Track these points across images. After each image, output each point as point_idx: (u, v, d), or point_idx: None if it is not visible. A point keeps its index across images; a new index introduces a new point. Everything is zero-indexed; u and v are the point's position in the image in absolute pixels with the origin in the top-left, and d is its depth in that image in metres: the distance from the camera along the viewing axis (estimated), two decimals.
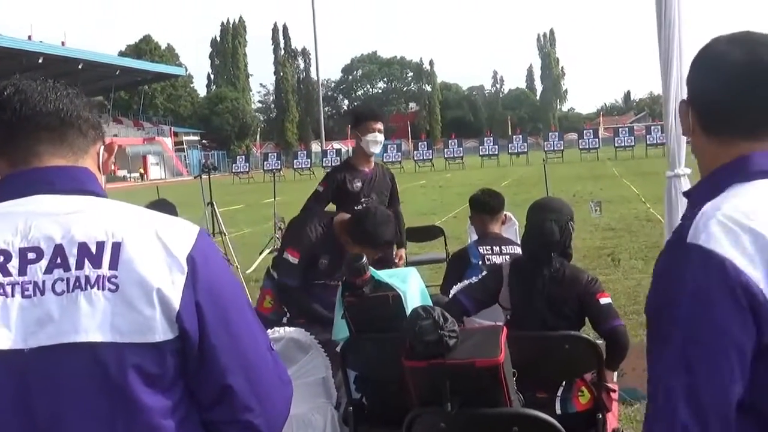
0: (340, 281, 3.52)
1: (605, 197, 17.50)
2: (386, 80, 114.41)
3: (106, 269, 1.32)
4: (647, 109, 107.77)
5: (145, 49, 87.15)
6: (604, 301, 3.37)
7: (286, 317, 4.30)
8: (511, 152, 51.02)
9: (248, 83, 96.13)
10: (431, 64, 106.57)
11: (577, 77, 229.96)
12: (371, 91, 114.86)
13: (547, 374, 3.28)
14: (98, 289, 1.30)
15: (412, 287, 3.34)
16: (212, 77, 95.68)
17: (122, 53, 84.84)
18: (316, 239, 4.27)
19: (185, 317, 1.33)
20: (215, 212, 10.31)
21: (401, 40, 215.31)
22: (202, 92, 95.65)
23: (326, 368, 3.49)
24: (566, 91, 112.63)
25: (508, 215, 5.79)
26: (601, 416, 3.24)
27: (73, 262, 1.32)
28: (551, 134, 53.98)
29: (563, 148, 49.87)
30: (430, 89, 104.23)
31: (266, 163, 51.61)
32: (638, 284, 8.30)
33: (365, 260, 3.24)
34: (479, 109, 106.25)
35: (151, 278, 1.32)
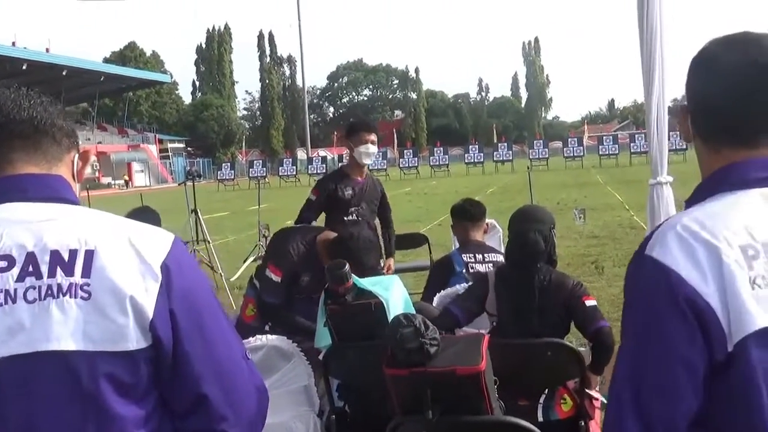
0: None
1: (589, 205, 17.61)
2: (372, 88, 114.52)
3: (78, 277, 1.30)
4: (631, 117, 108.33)
5: (130, 55, 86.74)
6: (589, 303, 3.38)
7: (268, 325, 4.29)
8: (496, 160, 51.20)
9: (234, 90, 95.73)
10: (417, 71, 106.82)
11: (561, 85, 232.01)
12: (357, 98, 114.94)
13: (529, 382, 3.27)
14: (70, 297, 1.29)
15: (394, 295, 3.33)
16: (197, 84, 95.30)
17: (107, 60, 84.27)
18: (297, 258, 4.29)
19: (159, 325, 1.32)
20: (199, 219, 10.27)
21: (387, 47, 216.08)
22: (187, 99, 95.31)
23: (309, 376, 3.48)
24: (551, 99, 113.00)
25: (491, 223, 5.81)
26: (583, 424, 3.25)
27: (45, 270, 1.31)
28: (536, 142, 54.29)
29: (548, 155, 50.20)
30: (415, 97, 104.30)
31: (251, 170, 51.62)
32: (621, 292, 8.26)
33: (347, 268, 3.23)
34: (464, 116, 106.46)
35: (124, 286, 1.31)
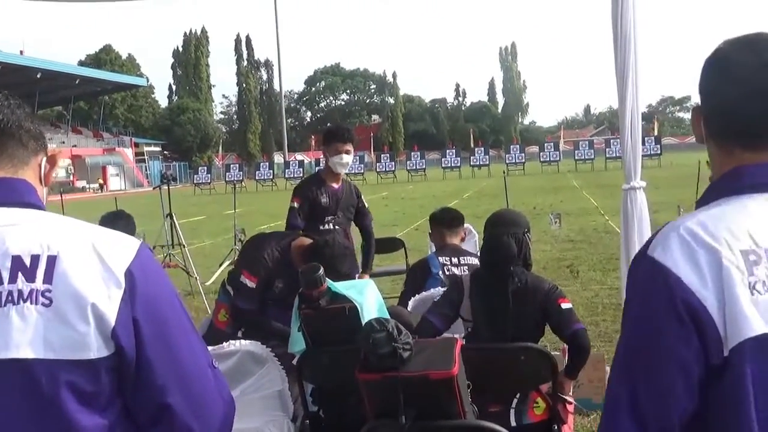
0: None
1: (565, 209, 17.75)
2: (349, 92, 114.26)
3: (39, 283, 1.28)
4: (607, 122, 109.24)
5: (105, 59, 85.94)
6: (565, 306, 3.40)
7: (241, 330, 4.26)
8: (473, 164, 51.48)
9: (210, 94, 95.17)
10: (394, 76, 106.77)
11: (538, 91, 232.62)
12: (334, 102, 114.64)
13: (502, 386, 3.28)
14: (31, 303, 1.26)
15: (368, 299, 3.32)
16: (174, 88, 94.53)
17: (82, 63, 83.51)
18: (272, 264, 4.30)
19: (121, 333, 1.29)
20: (174, 224, 10.20)
21: (364, 52, 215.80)
22: (163, 103, 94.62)
23: (282, 381, 3.47)
24: (528, 104, 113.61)
25: (467, 229, 5.83)
26: (556, 427, 3.26)
27: (6, 275, 1.28)
28: (513, 147, 54.71)
29: (524, 160, 50.46)
30: (392, 101, 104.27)
31: (228, 174, 51.34)
32: (596, 295, 8.39)
33: (321, 271, 3.22)
34: (441, 121, 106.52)
35: (86, 293, 1.28)
